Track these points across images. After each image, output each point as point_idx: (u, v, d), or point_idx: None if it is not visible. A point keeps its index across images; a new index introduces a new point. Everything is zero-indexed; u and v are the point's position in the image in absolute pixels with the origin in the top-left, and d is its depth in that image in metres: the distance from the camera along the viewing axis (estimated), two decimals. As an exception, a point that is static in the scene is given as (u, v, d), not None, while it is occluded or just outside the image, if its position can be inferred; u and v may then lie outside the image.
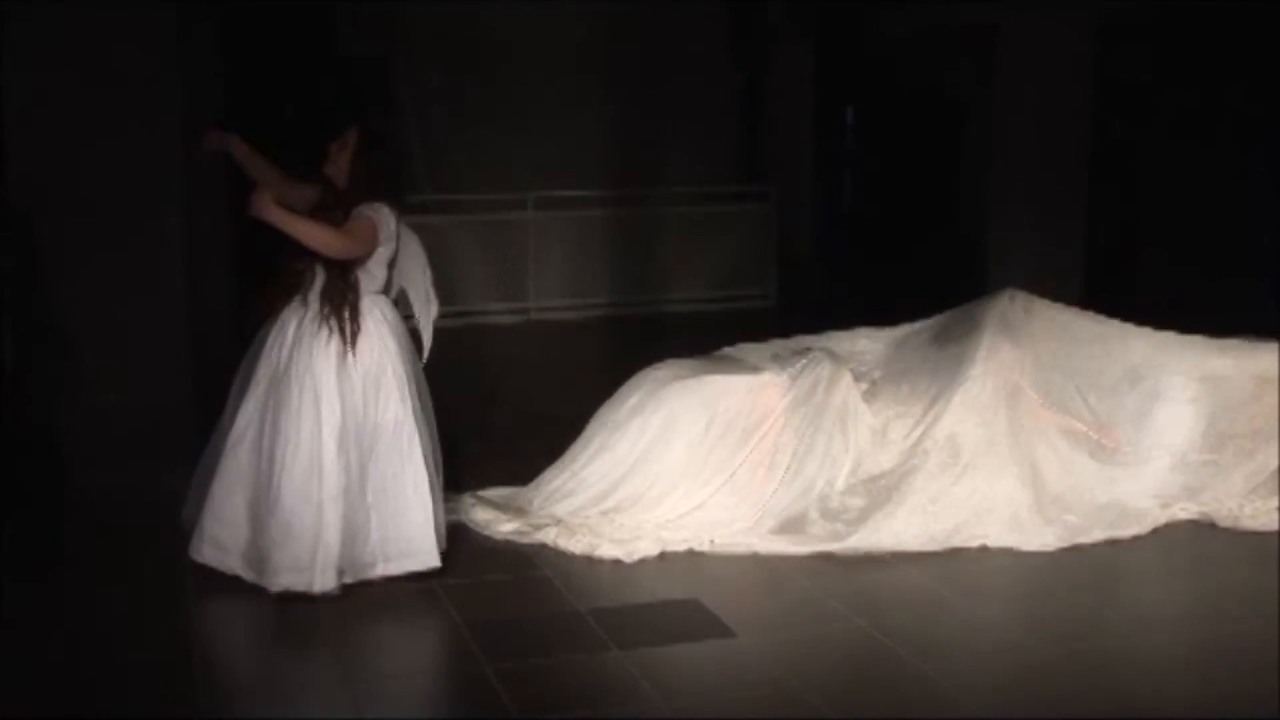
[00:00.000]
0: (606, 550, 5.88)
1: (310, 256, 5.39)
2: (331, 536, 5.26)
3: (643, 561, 5.87)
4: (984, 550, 6.00)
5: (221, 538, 5.44)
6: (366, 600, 5.44)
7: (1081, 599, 5.53)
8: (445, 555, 5.59)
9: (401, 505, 5.41)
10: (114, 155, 6.68)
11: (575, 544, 5.94)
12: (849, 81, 13.98)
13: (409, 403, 5.44)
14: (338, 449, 5.27)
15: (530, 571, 5.77)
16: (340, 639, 5.13)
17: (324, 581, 5.28)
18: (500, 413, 8.70)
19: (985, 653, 5.05)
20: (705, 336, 11.70)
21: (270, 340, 5.50)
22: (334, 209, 5.43)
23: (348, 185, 5.49)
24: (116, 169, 6.70)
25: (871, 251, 15.35)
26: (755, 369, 6.53)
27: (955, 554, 5.96)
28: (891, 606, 5.49)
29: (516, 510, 6.34)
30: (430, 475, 5.47)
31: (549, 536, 6.03)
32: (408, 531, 5.43)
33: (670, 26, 14.20)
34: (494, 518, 6.25)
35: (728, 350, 7.02)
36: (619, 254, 12.66)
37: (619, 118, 13.74)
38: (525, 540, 6.07)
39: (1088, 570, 5.84)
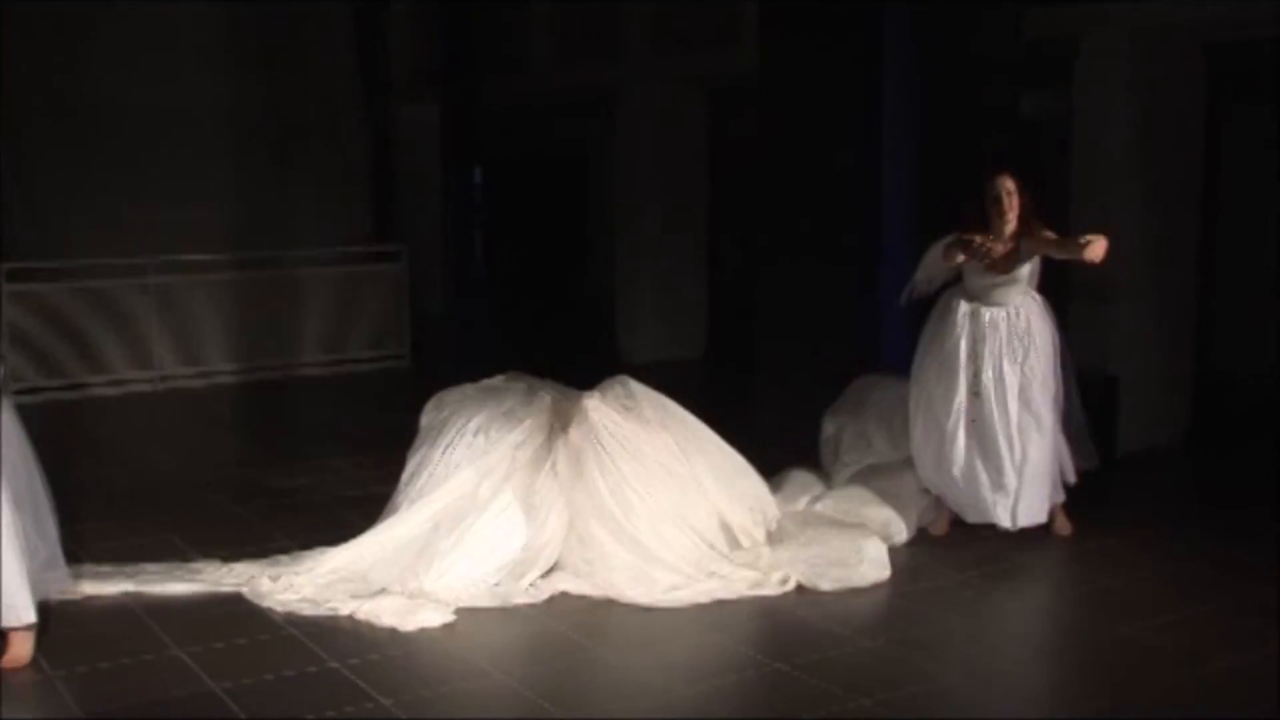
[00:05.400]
0: (386, 619, 5.81)
1: None
2: None
3: (322, 631, 5.71)
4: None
5: None
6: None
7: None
8: (60, 642, 5.34)
9: None
10: None
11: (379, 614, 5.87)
12: (476, 142, 14.16)
13: None
14: None
15: (163, 651, 5.50)
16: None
17: None
18: (122, 484, 8.30)
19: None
20: (340, 399, 11.67)
21: None
22: None
23: None
24: None
25: (503, 310, 15.53)
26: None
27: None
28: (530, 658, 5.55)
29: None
30: (18, 533, 5.31)
31: (347, 608, 5.93)
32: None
33: (299, 86, 14.01)
34: (274, 588, 6.11)
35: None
36: (248, 318, 12.32)
37: (246, 178, 13.43)
38: (310, 612, 5.91)
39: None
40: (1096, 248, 6.51)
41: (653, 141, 12.98)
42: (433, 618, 5.81)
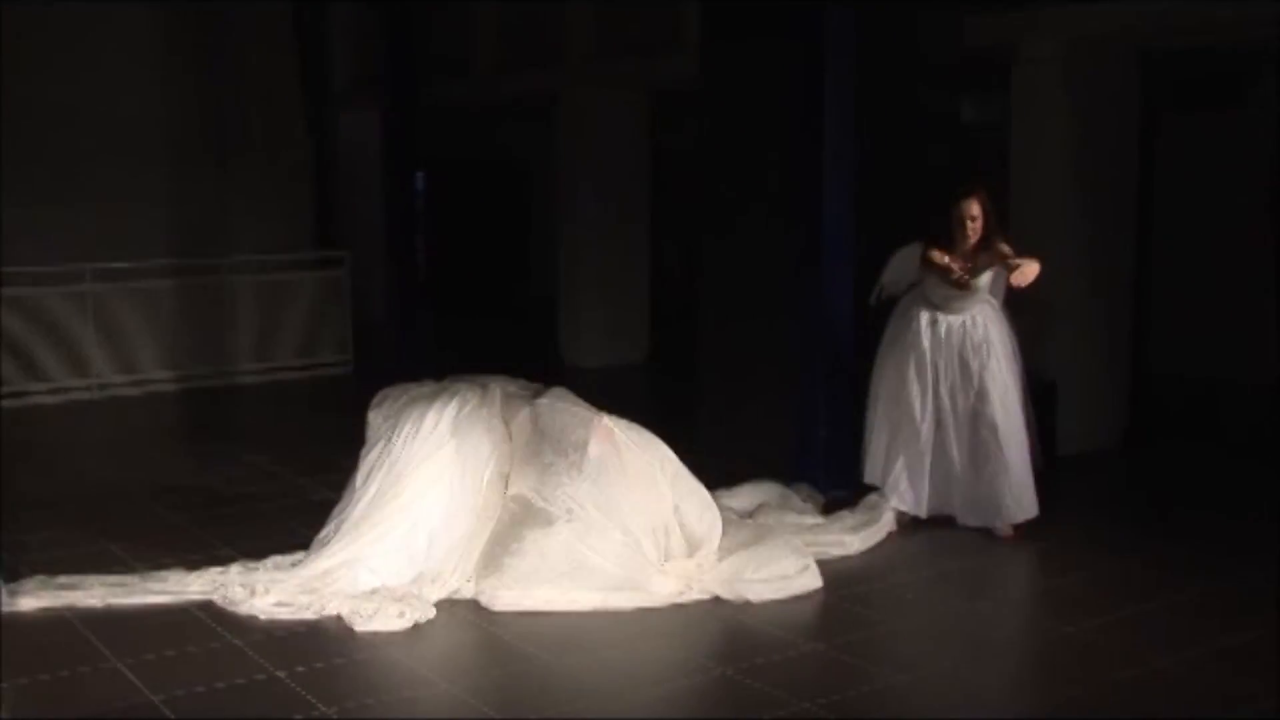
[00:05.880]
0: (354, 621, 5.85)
1: None
2: None
3: (270, 640, 5.63)
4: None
5: None
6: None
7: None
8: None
9: None
10: None
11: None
12: (418, 147, 14.09)
13: None
14: None
15: (101, 663, 5.42)
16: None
17: None
18: (58, 494, 8.19)
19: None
20: (282, 406, 11.57)
21: None
22: None
23: None
24: None
25: (446, 315, 15.48)
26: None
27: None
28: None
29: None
30: None
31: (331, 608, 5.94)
32: None
33: (238, 92, 13.89)
34: (247, 595, 6.07)
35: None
36: (188, 325, 12.17)
37: (185, 183, 13.31)
38: (289, 616, 5.90)
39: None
40: (1022, 273, 6.76)
41: (595, 146, 12.97)
42: (393, 622, 5.79)
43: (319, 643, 5.65)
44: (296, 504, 7.74)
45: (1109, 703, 5.09)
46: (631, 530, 6.33)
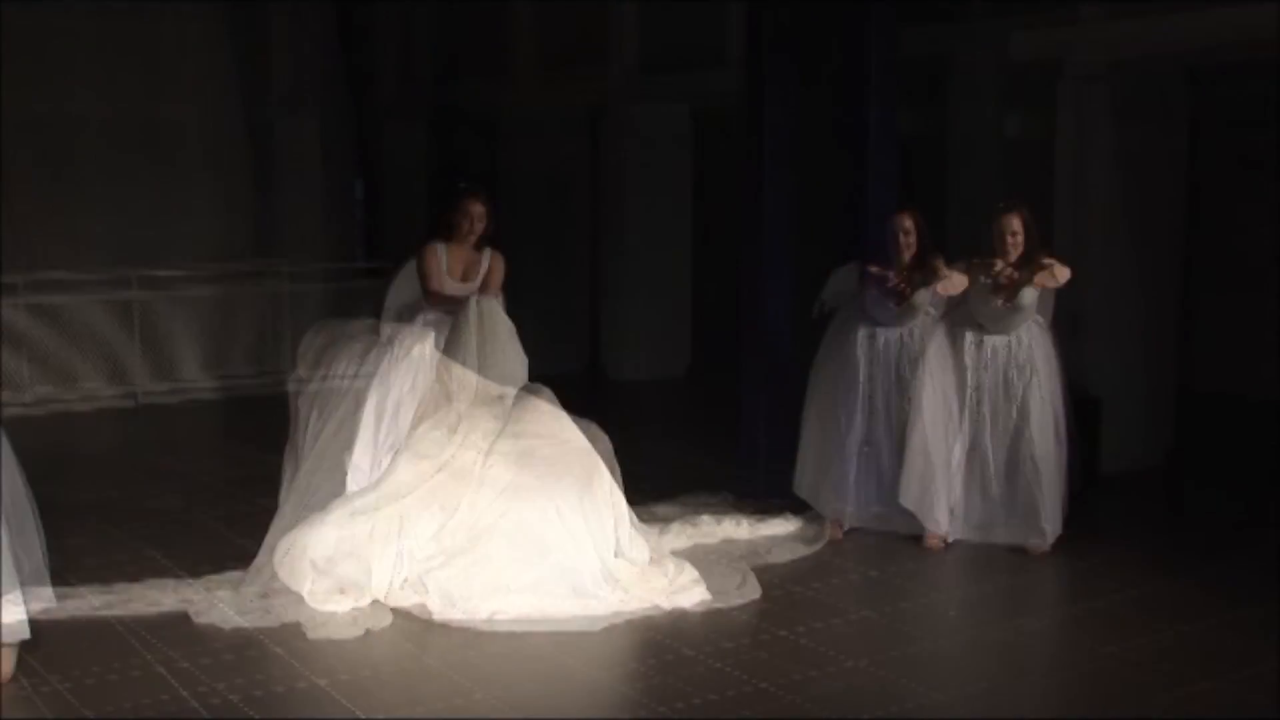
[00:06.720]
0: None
1: None
2: None
3: (204, 657, 5.59)
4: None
5: None
6: None
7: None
8: None
9: None
10: None
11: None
12: (358, 154, 14.06)
13: None
14: None
15: (36, 681, 5.36)
16: None
17: None
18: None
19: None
20: (218, 419, 11.38)
21: None
22: None
23: None
24: None
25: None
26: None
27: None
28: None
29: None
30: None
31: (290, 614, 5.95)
32: None
33: (179, 96, 13.80)
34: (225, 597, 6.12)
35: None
36: (125, 337, 11.94)
37: (123, 191, 13.20)
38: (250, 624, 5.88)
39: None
40: (948, 283, 7.05)
41: (537, 160, 12.98)
42: (345, 630, 5.85)
43: (267, 655, 5.62)
44: (232, 514, 7.72)
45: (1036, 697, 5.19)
46: (608, 534, 6.40)
